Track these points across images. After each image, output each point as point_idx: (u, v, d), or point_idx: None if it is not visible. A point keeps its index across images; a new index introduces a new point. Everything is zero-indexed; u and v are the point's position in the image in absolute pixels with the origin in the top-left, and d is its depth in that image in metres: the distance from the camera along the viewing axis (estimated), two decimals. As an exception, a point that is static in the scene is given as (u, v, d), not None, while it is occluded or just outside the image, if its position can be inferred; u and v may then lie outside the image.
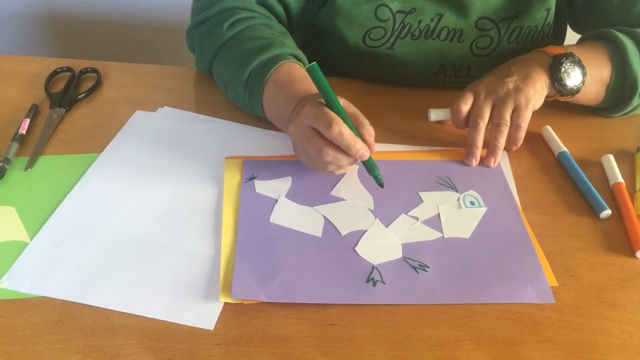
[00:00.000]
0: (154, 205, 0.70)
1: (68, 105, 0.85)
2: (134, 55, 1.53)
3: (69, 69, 0.92)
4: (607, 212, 0.70)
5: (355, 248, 0.65)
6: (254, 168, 0.75)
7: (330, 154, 0.67)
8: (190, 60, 0.92)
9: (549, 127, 0.83)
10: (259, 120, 0.82)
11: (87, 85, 0.90)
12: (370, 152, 0.68)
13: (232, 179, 0.73)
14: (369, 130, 0.68)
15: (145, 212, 0.69)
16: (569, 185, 0.75)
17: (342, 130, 0.65)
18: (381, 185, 0.71)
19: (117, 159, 0.76)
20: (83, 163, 0.75)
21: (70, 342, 0.56)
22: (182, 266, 0.63)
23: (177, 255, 0.64)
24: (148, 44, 1.52)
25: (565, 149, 0.79)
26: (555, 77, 0.77)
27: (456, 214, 0.70)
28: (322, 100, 0.68)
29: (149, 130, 0.81)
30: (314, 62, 0.66)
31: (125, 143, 0.79)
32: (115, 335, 0.56)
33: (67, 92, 0.87)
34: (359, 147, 0.66)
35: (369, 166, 0.70)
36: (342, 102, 0.69)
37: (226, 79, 0.83)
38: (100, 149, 0.77)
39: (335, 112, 0.66)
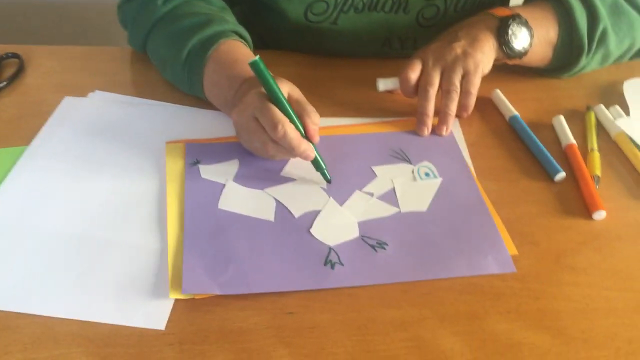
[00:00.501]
0: (91, 199, 0.65)
1: (-11, 95, 0.79)
2: (59, 37, 1.44)
3: (-13, 55, 0.86)
4: (562, 175, 0.70)
5: (310, 230, 0.62)
6: (198, 152, 0.71)
7: (274, 148, 0.65)
8: (123, 40, 0.87)
9: (498, 91, 0.82)
10: (201, 100, 0.78)
11: (9, 72, 0.84)
12: (313, 143, 0.65)
13: (174, 165, 0.69)
14: (314, 119, 0.65)
15: (82, 208, 0.64)
16: (522, 150, 0.74)
17: (286, 131, 0.62)
18: (329, 182, 0.68)
19: (47, 151, 0.71)
20: (9, 158, 0.70)
21: (9, 355, 0.51)
22: (126, 264, 0.59)
23: (120, 252, 0.60)
24: (74, 23, 1.44)
25: (516, 112, 0.78)
26: (502, 40, 0.76)
27: (411, 186, 0.68)
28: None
29: (80, 117, 0.76)
30: (256, 58, 0.62)
31: (55, 133, 0.74)
32: (57, 344, 0.52)
33: (-13, 81, 0.81)
34: (303, 148, 0.64)
35: (315, 164, 0.67)
36: (287, 87, 0.66)
37: (163, 58, 0.79)
38: (27, 141, 0.72)
39: (279, 108, 0.63)
